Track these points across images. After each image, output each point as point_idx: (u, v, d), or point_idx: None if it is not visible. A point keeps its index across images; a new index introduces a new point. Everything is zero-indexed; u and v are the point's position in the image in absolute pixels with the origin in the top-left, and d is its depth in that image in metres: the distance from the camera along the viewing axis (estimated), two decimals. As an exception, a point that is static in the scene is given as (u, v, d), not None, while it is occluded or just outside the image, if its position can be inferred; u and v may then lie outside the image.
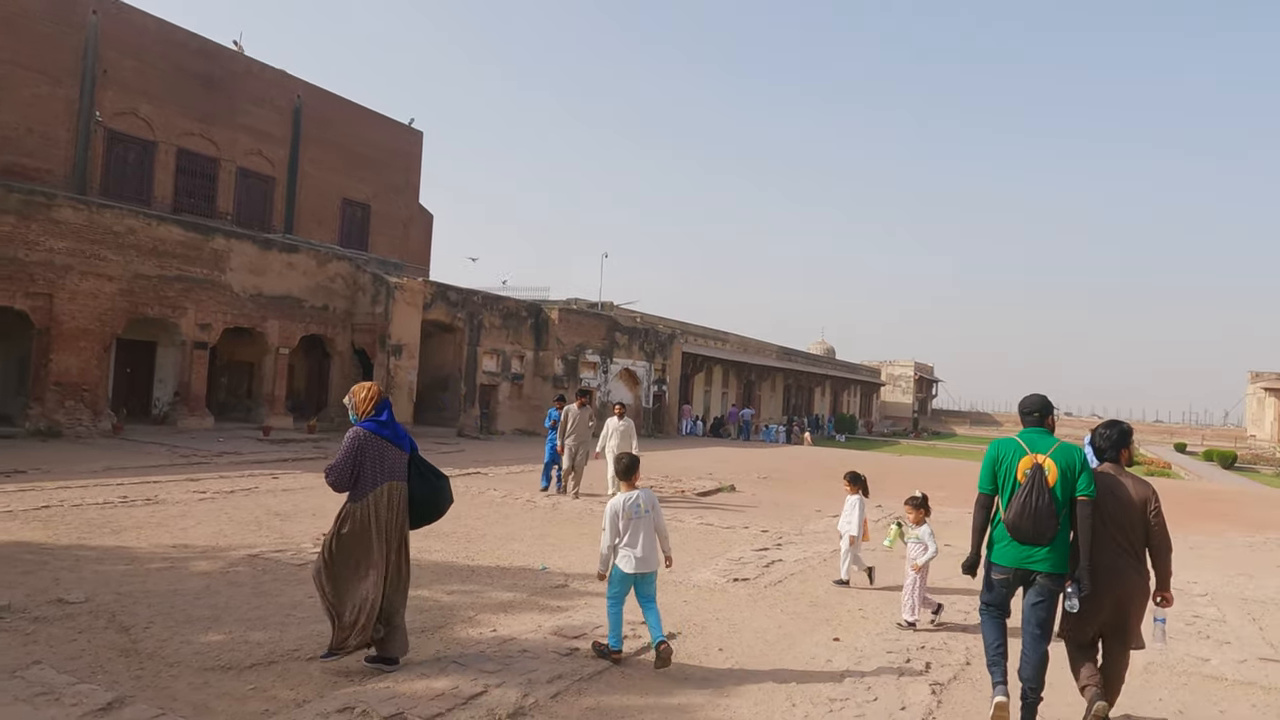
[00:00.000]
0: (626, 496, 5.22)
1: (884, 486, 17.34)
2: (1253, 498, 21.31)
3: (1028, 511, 4.24)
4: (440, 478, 5.06)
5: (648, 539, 5.14)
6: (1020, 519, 4.26)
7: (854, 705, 4.58)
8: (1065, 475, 4.29)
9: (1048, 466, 4.31)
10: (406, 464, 4.87)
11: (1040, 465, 4.32)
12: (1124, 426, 4.72)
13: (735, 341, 42.49)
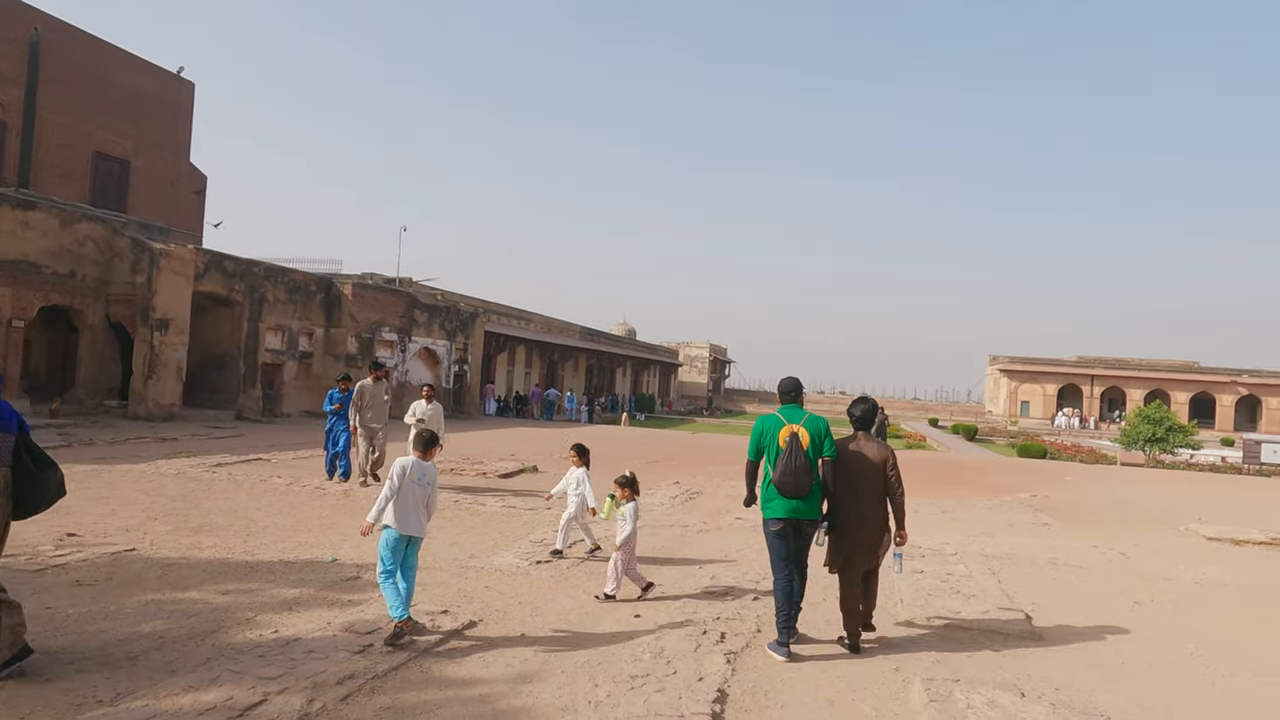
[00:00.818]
0: (416, 461, 5.40)
1: (681, 464, 18.04)
2: (991, 466, 24.40)
3: (789, 470, 5.32)
4: (50, 467, 4.50)
5: (417, 506, 5.31)
6: (785, 476, 5.32)
7: (655, 680, 4.68)
8: (815, 440, 5.43)
9: (802, 434, 5.41)
10: (13, 447, 4.28)
11: (796, 433, 5.41)
12: (871, 404, 5.91)
13: (539, 321, 42.35)
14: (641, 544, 8.65)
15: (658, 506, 11.40)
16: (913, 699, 4.66)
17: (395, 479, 5.24)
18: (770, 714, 4.40)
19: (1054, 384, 69.73)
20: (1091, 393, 69.14)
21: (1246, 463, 29.63)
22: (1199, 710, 4.87)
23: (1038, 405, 68.98)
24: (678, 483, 14.29)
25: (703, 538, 9.34)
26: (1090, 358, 70.73)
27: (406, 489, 5.24)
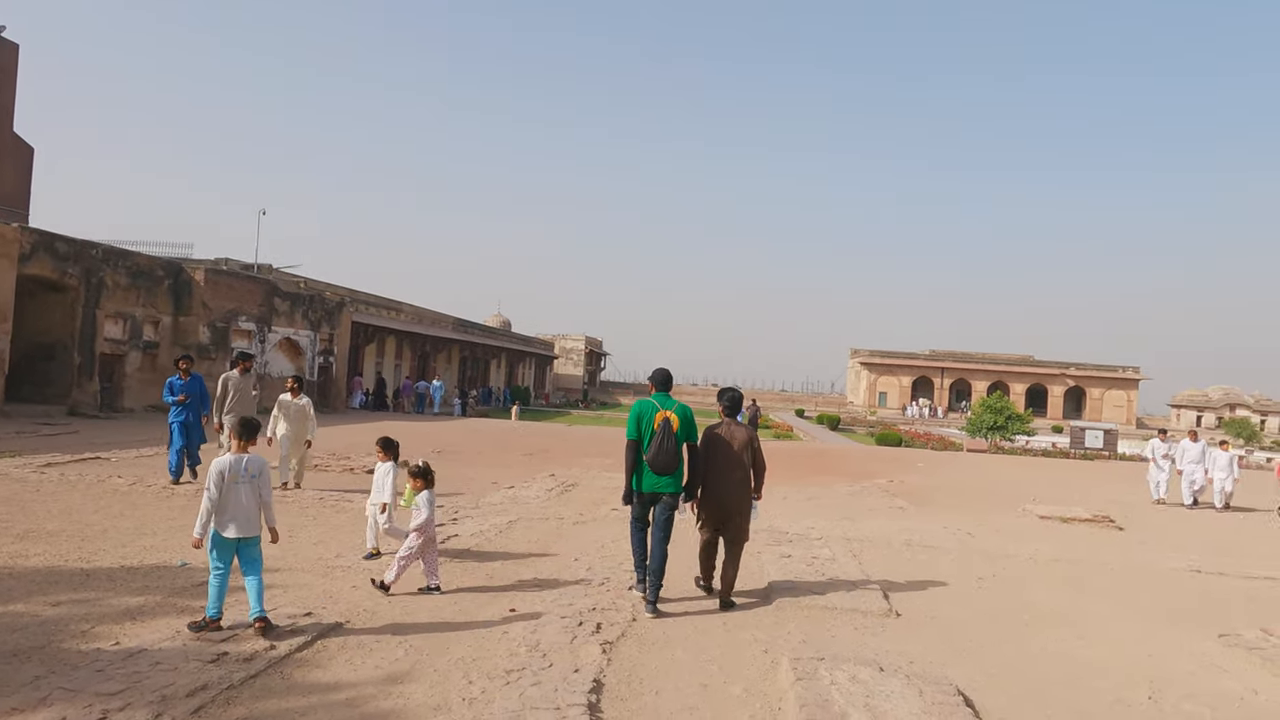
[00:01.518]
0: (235, 458, 5.14)
1: (557, 456, 17.97)
2: (852, 454, 25.68)
3: (661, 451, 6.19)
4: None
5: (249, 503, 5.12)
6: (657, 456, 6.18)
7: (530, 674, 4.64)
8: (684, 426, 6.31)
9: (673, 420, 6.26)
10: None
11: (668, 419, 6.25)
12: (737, 393, 6.80)
13: (410, 312, 41.03)
14: (517, 538, 8.58)
15: (533, 500, 11.32)
16: (781, 678, 4.83)
17: (214, 487, 5.00)
18: (645, 701, 4.45)
19: (909, 376, 74.15)
20: (942, 384, 74.02)
21: (1073, 448, 32.56)
22: (1033, 673, 5.31)
23: (894, 396, 73.17)
24: (553, 475, 14.24)
25: (579, 529, 9.34)
26: (941, 352, 75.66)
27: (230, 491, 5.05)
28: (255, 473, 5.17)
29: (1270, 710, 4.95)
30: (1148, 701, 4.95)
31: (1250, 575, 9.12)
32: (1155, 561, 9.60)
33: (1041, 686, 5.09)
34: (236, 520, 5.03)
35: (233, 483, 5.05)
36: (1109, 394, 73.10)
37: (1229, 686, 5.31)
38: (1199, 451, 15.89)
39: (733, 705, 4.48)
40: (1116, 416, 68.17)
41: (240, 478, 5.08)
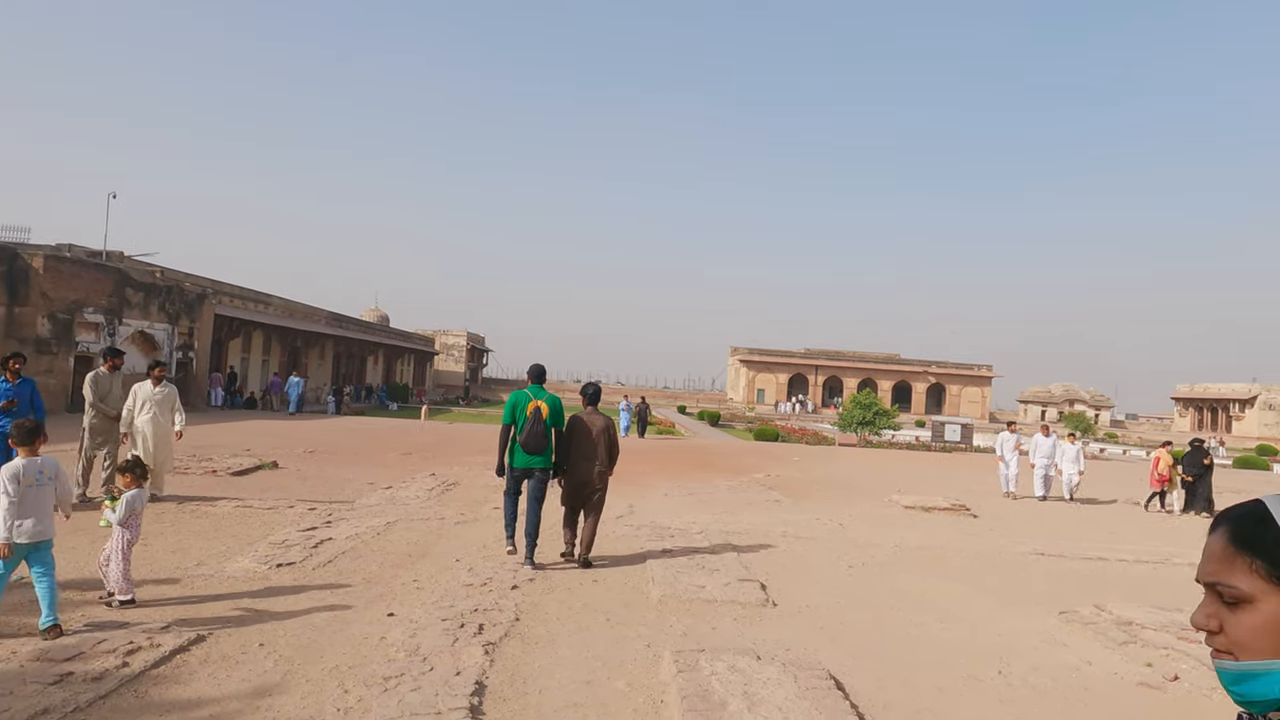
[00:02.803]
0: (28, 461, 4.99)
1: (438, 453, 17.54)
2: (732, 449, 26.36)
3: (532, 434, 7.39)
4: None
5: (43, 508, 4.95)
6: (529, 439, 7.39)
7: (410, 679, 4.52)
8: (552, 413, 7.51)
9: (543, 408, 7.46)
10: None
11: (539, 407, 7.45)
12: (597, 385, 8.20)
13: (279, 305, 39.01)
14: (396, 540, 8.34)
15: (413, 500, 11.02)
16: (663, 671, 4.92)
17: (11, 491, 4.79)
18: (529, 700, 4.43)
19: (785, 373, 76.79)
20: (816, 381, 77.06)
21: (934, 441, 34.66)
22: (897, 655, 5.63)
23: (772, 392, 75.60)
24: (434, 474, 13.90)
25: (461, 529, 9.17)
26: (815, 350, 78.76)
27: (25, 496, 4.83)
28: (52, 475, 5.03)
29: (1101, 677, 5.44)
30: (998, 676, 5.34)
31: (1086, 556, 9.99)
32: (1005, 547, 10.36)
33: (905, 667, 5.40)
34: (31, 525, 4.82)
35: (28, 486, 4.87)
36: (966, 390, 78.17)
37: (1067, 659, 5.81)
38: (1050, 445, 16.19)
39: (616, 700, 4.53)
40: (973, 411, 73.09)
41: (36, 480, 4.91)
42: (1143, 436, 65.19)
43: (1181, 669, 5.57)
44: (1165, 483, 15.48)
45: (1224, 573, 0.98)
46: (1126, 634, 6.28)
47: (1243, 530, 0.97)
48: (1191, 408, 74.61)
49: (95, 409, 9.46)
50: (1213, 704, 5.07)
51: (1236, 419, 67.82)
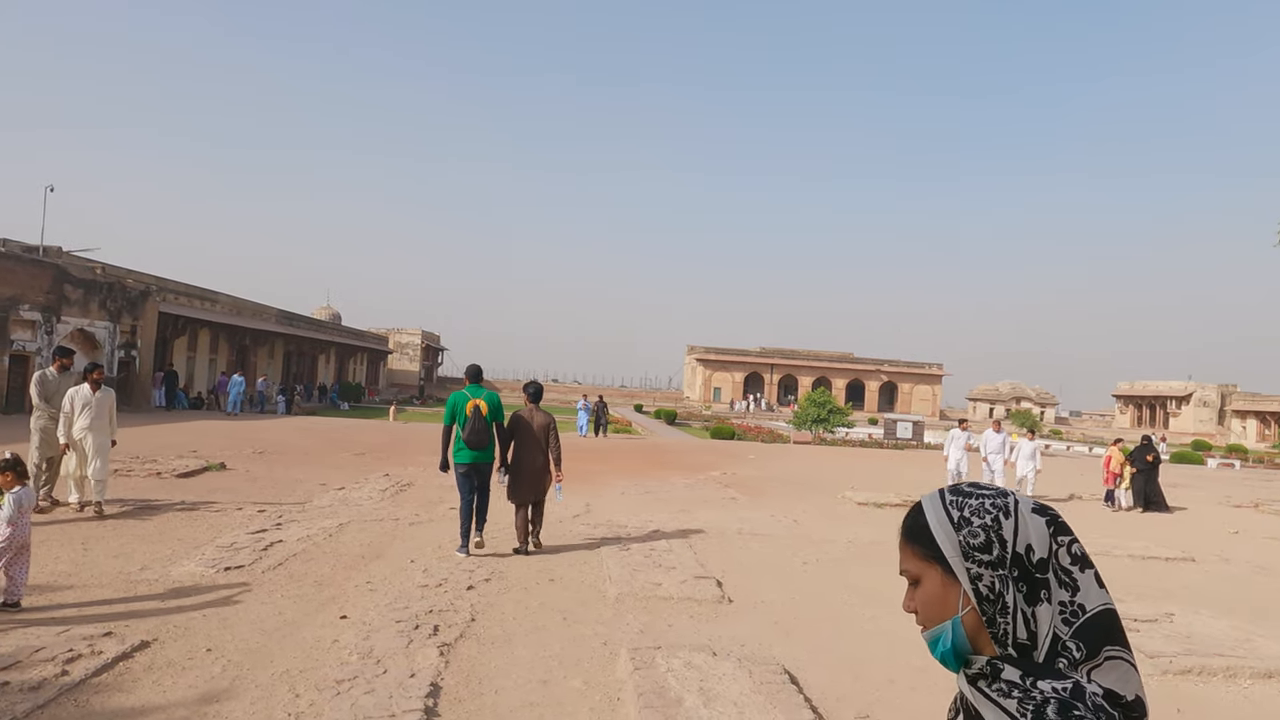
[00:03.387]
0: None
1: (391, 453, 17.30)
2: (688, 447, 26.48)
3: (473, 431, 7.76)
4: None
5: None
6: (470, 436, 7.76)
7: (363, 682, 4.46)
8: (491, 410, 7.87)
9: (482, 406, 7.83)
10: None
11: (478, 405, 7.81)
12: (538, 385, 8.55)
13: (227, 302, 38.06)
14: (348, 541, 8.21)
15: (366, 501, 10.86)
16: (620, 669, 4.93)
17: None
18: (485, 701, 4.41)
19: (741, 372, 77.38)
20: (771, 380, 77.79)
21: (886, 438, 35.27)
22: (851, 649, 5.73)
23: (728, 391, 76.11)
24: (387, 475, 13.72)
25: (415, 530, 9.06)
26: (771, 349, 79.50)
27: None
28: None
29: (1045, 668, 5.60)
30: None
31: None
32: (954, 540, 10.58)
33: (858, 660, 5.50)
34: None
35: None
36: (917, 389, 79.65)
37: (1013, 649, 5.96)
38: (1000, 441, 15.94)
39: (573, 698, 4.53)
40: (924, 409, 74.52)
41: None
42: (1086, 433, 67.20)
43: (1121, 657, 5.75)
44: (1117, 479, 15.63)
45: (903, 561, 1.20)
46: (1069, 624, 6.46)
47: (907, 525, 1.19)
48: (1131, 405, 77.08)
49: (41, 411, 9.03)
50: (1149, 691, 5.23)
51: (1173, 415, 70.26)
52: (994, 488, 1.17)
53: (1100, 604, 1.06)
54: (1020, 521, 1.08)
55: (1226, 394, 69.14)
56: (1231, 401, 67.90)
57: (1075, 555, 1.08)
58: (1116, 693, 1.02)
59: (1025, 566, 1.06)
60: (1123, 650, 1.05)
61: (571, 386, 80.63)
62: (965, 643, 1.11)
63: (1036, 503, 1.13)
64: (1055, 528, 1.09)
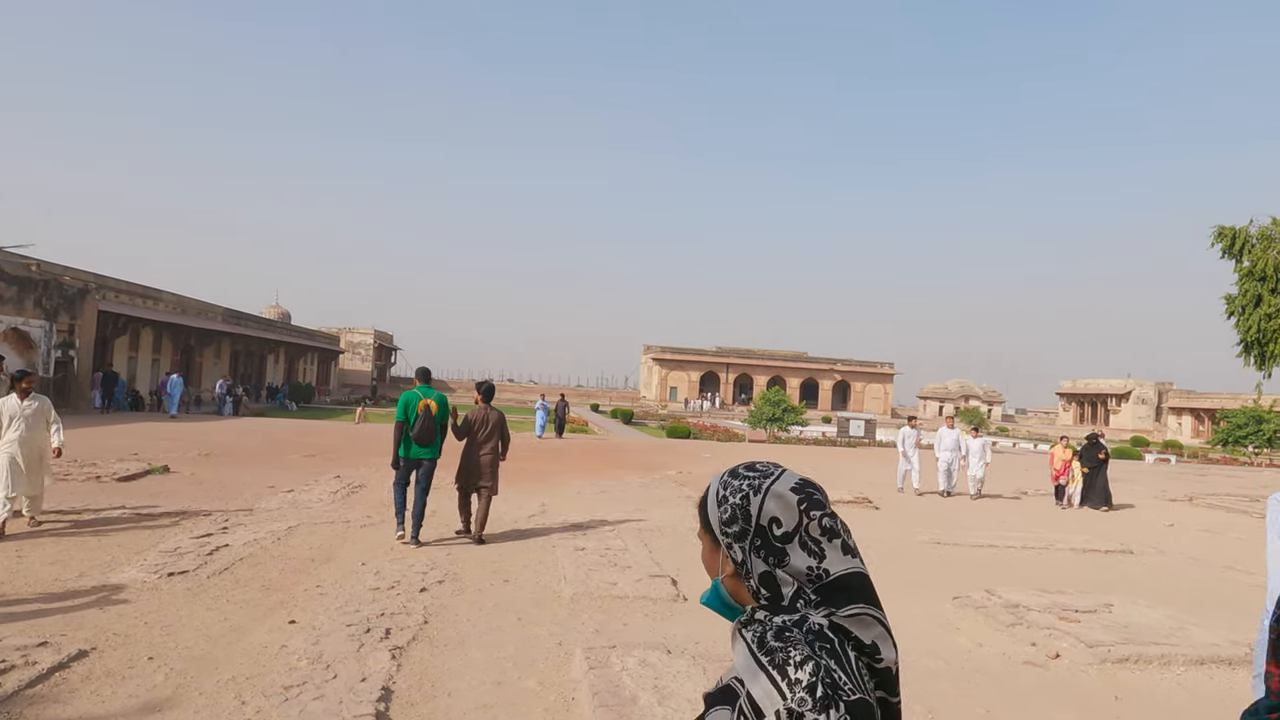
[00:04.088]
0: None
1: (343, 455, 17.00)
2: (645, 447, 26.53)
3: (423, 430, 8.24)
4: None
5: None
6: (420, 433, 8.24)
7: (312, 688, 4.39)
8: (440, 409, 8.42)
9: (431, 405, 8.33)
10: None
11: (428, 404, 8.31)
12: (489, 384, 9.15)
13: (171, 301, 37.00)
14: (298, 544, 8.06)
15: (316, 503, 10.65)
16: (574, 668, 4.92)
17: None
18: (438, 704, 4.36)
19: (697, 371, 77.77)
20: (727, 379, 78.33)
21: (839, 436, 35.78)
22: (804, 645, 5.80)
23: (684, 390, 76.44)
24: (338, 477, 13.48)
25: (366, 532, 8.93)
26: (726, 348, 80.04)
27: None
28: None
29: (990, 658, 5.75)
30: (897, 661, 5.57)
31: (978, 544, 10.51)
32: (904, 536, 10.79)
33: (810, 655, 5.56)
34: None
35: None
36: (869, 387, 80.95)
37: (960, 642, 6.11)
38: (954, 438, 15.73)
39: (528, 699, 4.51)
40: (876, 407, 75.77)
41: None
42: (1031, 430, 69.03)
43: (1062, 647, 5.93)
44: (1063, 476, 15.54)
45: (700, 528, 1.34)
46: (1014, 616, 6.64)
47: (700, 499, 1.34)
48: (1074, 402, 79.36)
49: None
50: (1089, 679, 5.43)
51: (1114, 412, 72.55)
52: (764, 466, 1.28)
53: (845, 569, 1.17)
54: (767, 499, 1.20)
55: (1163, 391, 71.61)
56: (1168, 399, 70.35)
57: (824, 528, 1.19)
58: (848, 629, 1.14)
59: (767, 538, 1.19)
60: (869, 608, 1.17)
61: (528, 386, 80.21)
62: (728, 597, 1.27)
63: (801, 481, 1.23)
64: (808, 504, 1.19)
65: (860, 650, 1.14)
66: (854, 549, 1.20)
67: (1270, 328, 13.09)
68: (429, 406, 8.30)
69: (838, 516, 1.22)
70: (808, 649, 1.09)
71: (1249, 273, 13.58)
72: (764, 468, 1.27)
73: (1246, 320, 13.50)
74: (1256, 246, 13.58)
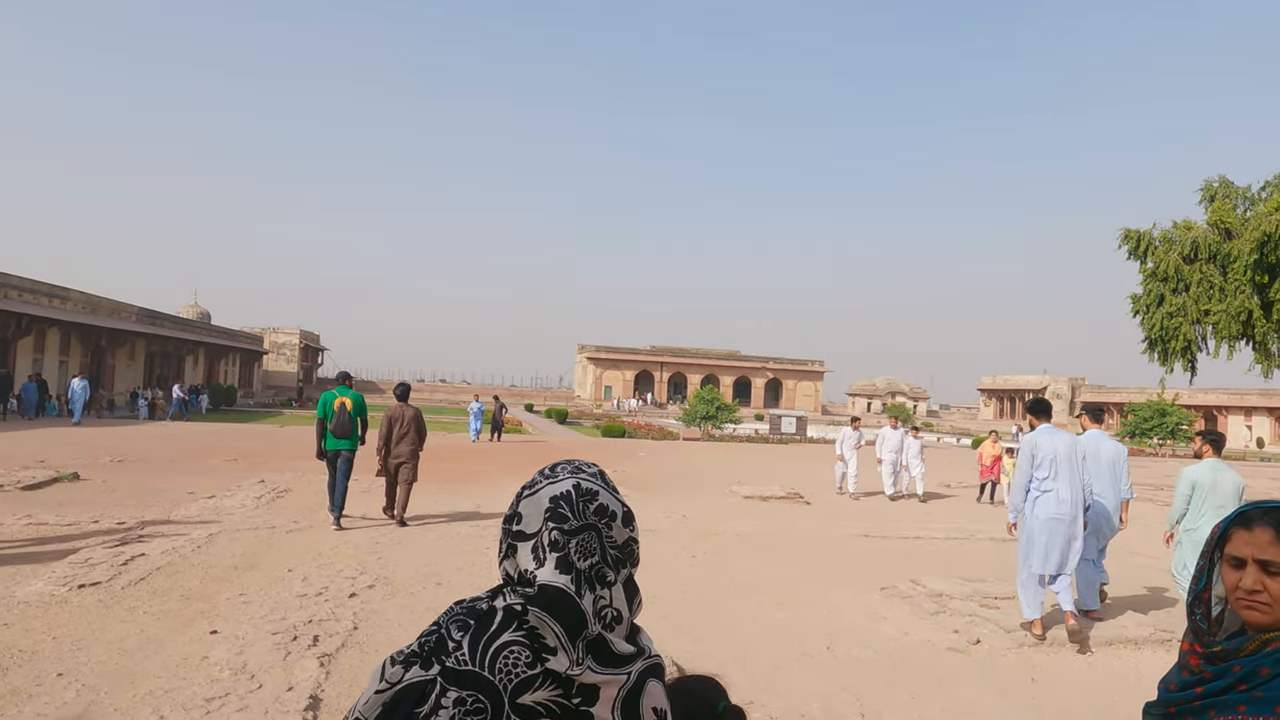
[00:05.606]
0: None
1: (268, 458, 16.46)
2: (579, 446, 26.47)
3: (340, 425, 9.42)
4: None
5: None
6: (337, 428, 9.42)
7: (236, 699, 4.24)
8: (356, 406, 9.61)
9: (347, 403, 9.51)
10: None
11: (344, 402, 9.51)
12: (406, 385, 10.41)
13: (80, 300, 35.25)
14: (219, 552, 7.79)
15: (238, 509, 10.30)
16: (509, 671, 4.87)
17: None
18: (368, 711, 4.26)
19: (632, 370, 77.97)
20: (661, 378, 78.75)
21: (771, 433, 36.35)
22: (737, 637, 5.88)
23: (619, 389, 76.54)
24: (263, 481, 13.06)
25: (292, 538, 8.68)
26: (660, 347, 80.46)
27: None
28: None
29: (916, 645, 5.94)
30: (827, 651, 5.70)
31: (904, 536, 10.83)
32: (833, 529, 11.05)
33: (743, 648, 5.65)
34: None
35: None
36: (800, 385, 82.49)
37: (887, 631, 6.28)
38: (899, 439, 15.11)
39: (460, 703, 4.44)
40: (806, 405, 77.26)
41: None
42: (954, 425, 71.40)
43: (983, 633, 6.17)
44: (991, 473, 15.08)
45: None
46: (938, 605, 6.87)
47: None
48: (994, 398, 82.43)
49: None
50: (1008, 662, 5.66)
51: (1030, 407, 75.57)
52: (561, 470, 1.31)
53: (550, 580, 1.21)
54: (526, 501, 1.28)
55: (1076, 386, 74.99)
56: (1081, 393, 73.70)
57: (552, 541, 1.23)
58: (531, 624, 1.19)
59: (515, 532, 1.27)
60: (549, 619, 1.18)
61: (461, 386, 79.17)
62: None
63: (567, 492, 1.26)
64: (553, 517, 1.24)
65: (538, 648, 1.17)
66: (573, 566, 1.22)
67: (1172, 325, 13.84)
68: (345, 404, 9.50)
69: (578, 535, 1.24)
70: (451, 618, 1.22)
71: (1152, 273, 14.33)
72: (557, 472, 1.31)
73: (1151, 319, 14.24)
74: (1159, 249, 14.34)
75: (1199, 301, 13.52)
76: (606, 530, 1.27)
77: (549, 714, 1.16)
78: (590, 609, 1.20)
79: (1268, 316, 13.08)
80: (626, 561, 1.31)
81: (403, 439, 9.81)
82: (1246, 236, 12.97)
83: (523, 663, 1.16)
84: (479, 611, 1.22)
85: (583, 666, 1.18)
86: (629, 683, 1.21)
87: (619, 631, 1.25)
